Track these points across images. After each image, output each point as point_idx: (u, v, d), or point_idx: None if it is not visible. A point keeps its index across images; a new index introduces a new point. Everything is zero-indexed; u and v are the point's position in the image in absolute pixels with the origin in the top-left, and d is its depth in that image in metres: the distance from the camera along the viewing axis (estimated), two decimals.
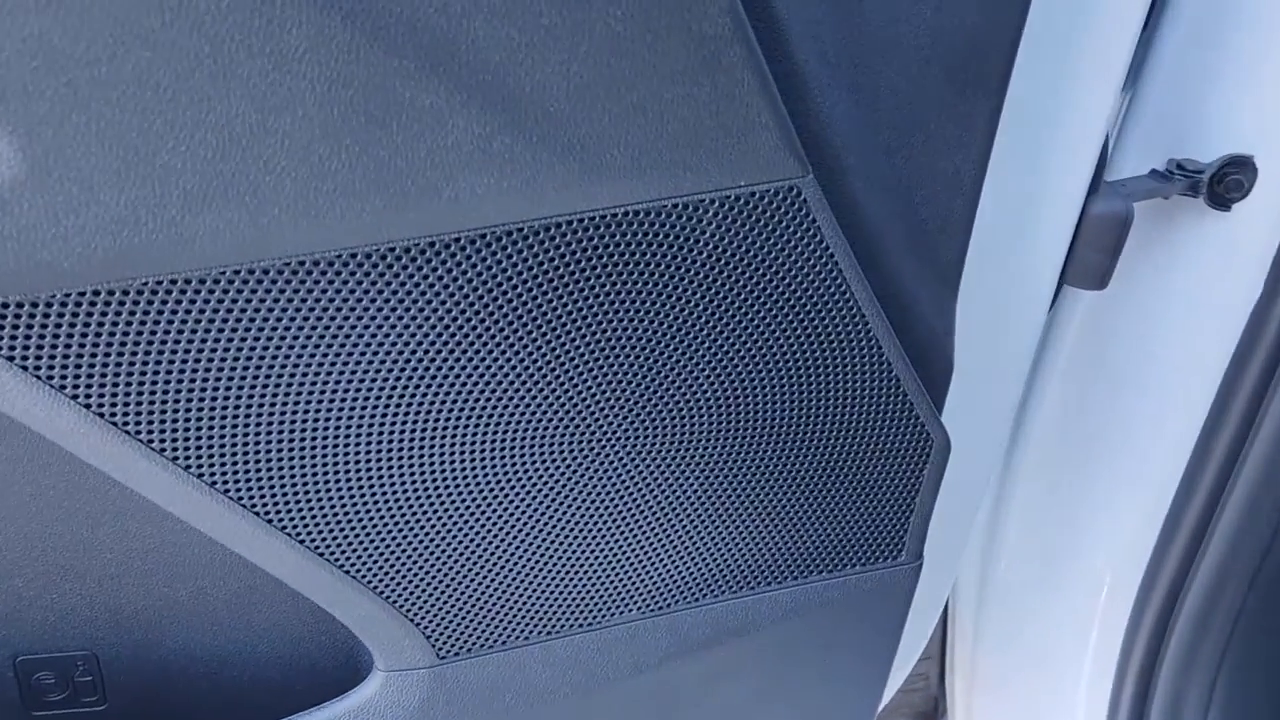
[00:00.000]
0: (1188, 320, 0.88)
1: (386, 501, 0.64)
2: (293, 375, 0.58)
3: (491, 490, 0.65)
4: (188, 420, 0.58)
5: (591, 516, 0.69)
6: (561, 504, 0.68)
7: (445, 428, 0.62)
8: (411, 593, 0.68)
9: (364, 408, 0.60)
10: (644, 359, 0.63)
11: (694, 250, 0.60)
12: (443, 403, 0.61)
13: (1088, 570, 1.05)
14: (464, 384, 0.61)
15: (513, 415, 0.63)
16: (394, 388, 0.60)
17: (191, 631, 0.78)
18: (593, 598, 0.73)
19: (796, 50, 0.59)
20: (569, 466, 0.66)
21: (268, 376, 0.58)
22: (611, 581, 0.72)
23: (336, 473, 0.62)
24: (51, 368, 0.55)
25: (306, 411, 0.59)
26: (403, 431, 0.62)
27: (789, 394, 0.67)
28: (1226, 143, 0.79)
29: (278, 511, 0.62)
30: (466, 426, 0.62)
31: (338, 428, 0.60)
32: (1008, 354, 0.84)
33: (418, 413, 0.61)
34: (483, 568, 0.69)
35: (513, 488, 0.66)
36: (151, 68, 0.47)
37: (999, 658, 1.18)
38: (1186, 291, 0.87)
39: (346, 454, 0.62)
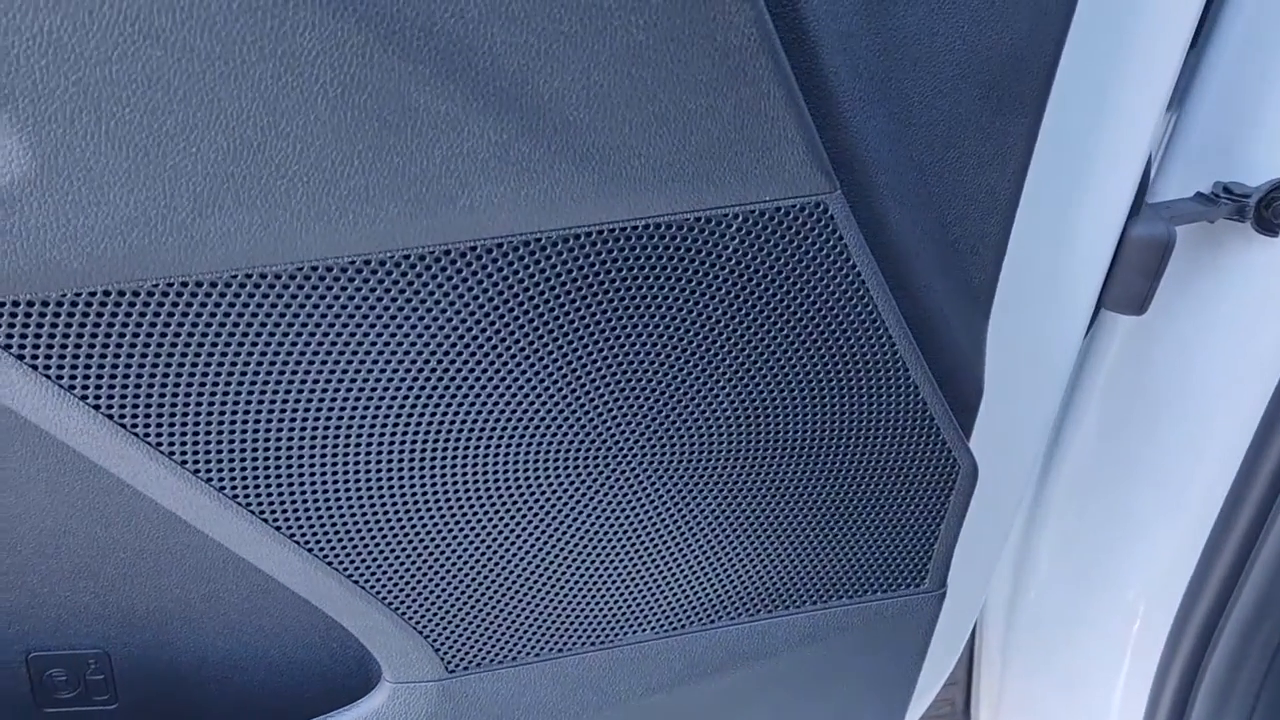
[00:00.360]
0: (1230, 348, 0.85)
1: (396, 512, 0.63)
2: (303, 382, 0.57)
3: (503, 503, 0.64)
4: (196, 424, 0.57)
5: (605, 533, 0.67)
6: (575, 520, 0.66)
7: (457, 439, 0.61)
8: (420, 605, 0.67)
9: (375, 416, 0.59)
10: (661, 375, 0.62)
11: (715, 265, 0.59)
12: (455, 414, 0.60)
13: (1121, 600, 1.03)
14: (476, 395, 0.60)
15: (526, 428, 0.62)
16: (406, 397, 0.59)
17: (203, 633, 0.78)
18: (604, 616, 0.71)
19: (827, 63, 0.57)
20: (583, 482, 0.65)
21: (278, 383, 0.57)
22: (624, 600, 0.71)
23: (346, 481, 0.61)
24: (61, 367, 0.54)
25: (315, 418, 0.59)
26: (414, 441, 0.61)
27: (810, 415, 0.66)
28: (1275, 166, 0.77)
29: (285, 518, 0.61)
30: (479, 438, 0.61)
31: (348, 436, 0.60)
32: (1041, 379, 0.82)
33: (429, 423, 0.60)
34: (493, 581, 0.68)
35: (525, 501, 0.65)
36: (162, 68, 0.46)
37: (1027, 685, 1.16)
38: (1230, 318, 0.84)
39: (356, 462, 0.61)
